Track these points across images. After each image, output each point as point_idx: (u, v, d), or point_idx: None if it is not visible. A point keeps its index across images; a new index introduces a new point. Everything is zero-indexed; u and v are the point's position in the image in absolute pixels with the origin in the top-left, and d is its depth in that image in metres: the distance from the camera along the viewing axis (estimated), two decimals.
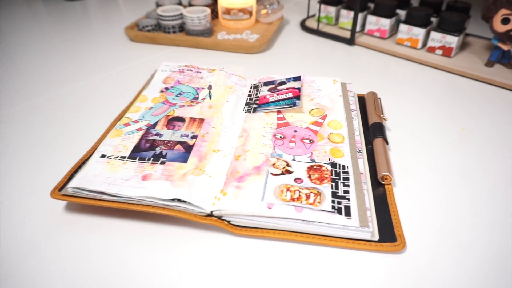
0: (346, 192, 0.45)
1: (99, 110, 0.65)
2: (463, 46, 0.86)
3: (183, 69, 0.69)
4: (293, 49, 0.89)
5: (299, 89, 0.62)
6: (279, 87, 0.64)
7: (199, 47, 0.89)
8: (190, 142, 0.52)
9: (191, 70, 0.69)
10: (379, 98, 0.65)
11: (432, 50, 0.83)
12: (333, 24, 0.98)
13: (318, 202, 0.43)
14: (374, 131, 0.56)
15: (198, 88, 0.64)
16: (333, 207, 0.42)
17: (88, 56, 0.87)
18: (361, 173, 0.48)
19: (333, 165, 0.48)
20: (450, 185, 0.50)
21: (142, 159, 0.48)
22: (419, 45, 0.84)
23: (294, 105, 0.58)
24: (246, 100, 0.63)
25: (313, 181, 0.46)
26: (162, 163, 0.48)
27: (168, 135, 0.53)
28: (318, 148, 0.51)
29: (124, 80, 0.74)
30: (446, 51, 0.81)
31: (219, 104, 0.60)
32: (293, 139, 0.53)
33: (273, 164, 0.48)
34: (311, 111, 0.59)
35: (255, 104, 0.61)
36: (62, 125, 0.62)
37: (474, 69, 0.76)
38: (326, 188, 0.45)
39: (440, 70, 0.79)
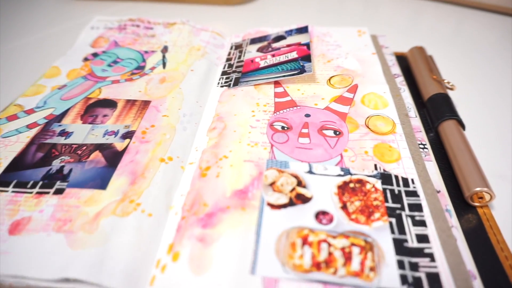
0: (422, 238, 0.22)
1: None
2: None
3: (125, 25, 0.44)
4: (285, 3, 0.64)
5: (307, 45, 0.38)
6: (275, 45, 0.40)
7: (160, 1, 0.64)
8: (119, 145, 0.28)
9: (138, 26, 0.44)
10: (429, 55, 0.42)
11: None
12: None
13: (371, 270, 0.20)
14: (438, 109, 0.33)
15: (146, 52, 0.40)
16: (403, 278, 0.20)
17: (14, 14, 0.61)
18: (438, 191, 0.26)
19: (385, 178, 0.26)
20: None
21: (21, 185, 0.25)
22: None
23: (302, 70, 0.35)
24: (224, 68, 0.39)
25: (354, 217, 0.23)
26: (59, 191, 0.25)
27: (81, 134, 0.30)
28: (351, 146, 0.28)
29: (50, 47, 0.50)
30: None
31: (178, 75, 0.37)
32: (305, 131, 0.30)
33: (272, 184, 0.25)
34: (330, 79, 0.35)
35: (237, 73, 0.37)
36: None
37: None
38: (381, 233, 0.22)
39: (496, 12, 0.56)
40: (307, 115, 0.31)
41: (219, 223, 0.23)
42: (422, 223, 0.23)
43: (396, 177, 0.26)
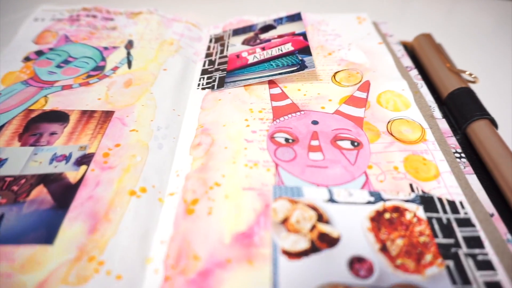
0: (493, 286, 0.16)
1: None
2: None
3: (78, 15, 0.36)
4: None
5: (303, 35, 0.32)
6: (263, 36, 0.34)
7: None
8: (73, 175, 0.21)
9: (94, 16, 0.36)
10: (438, 43, 0.37)
11: None
12: None
13: None
14: (463, 107, 0.28)
15: (106, 49, 0.32)
16: None
17: None
18: (492, 215, 0.20)
19: (427, 203, 0.20)
20: None
21: None
22: None
23: (302, 66, 0.28)
24: (204, 65, 0.32)
25: (399, 263, 0.17)
26: None
27: (19, 161, 0.22)
28: (376, 161, 0.22)
29: None
30: None
31: (148, 76, 0.29)
32: (315, 143, 0.23)
33: (285, 221, 0.19)
34: (335, 76, 0.29)
35: (221, 72, 0.31)
36: None
37: None
38: (438, 284, 0.16)
39: None
40: (315, 122, 0.25)
41: (218, 286, 0.16)
42: (488, 265, 0.17)
43: (440, 200, 0.20)
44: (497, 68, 0.37)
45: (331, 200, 0.20)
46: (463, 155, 0.24)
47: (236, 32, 0.36)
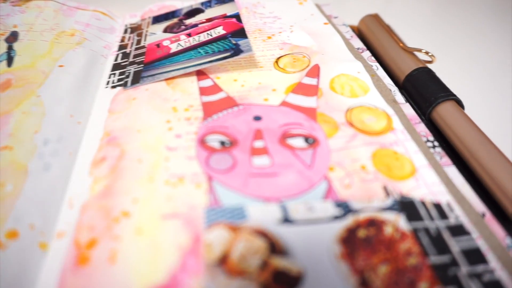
0: None
1: None
2: None
3: None
4: None
5: (237, 17, 0.26)
6: (189, 21, 0.28)
7: None
8: None
9: None
10: (387, 24, 0.33)
11: None
12: None
13: None
14: (425, 90, 0.24)
15: None
16: None
17: None
18: (483, 215, 0.16)
19: (408, 209, 0.15)
20: None
21: None
22: None
23: (237, 51, 0.23)
24: (116, 59, 0.26)
25: None
26: None
27: None
28: (338, 160, 0.17)
29: None
30: None
31: (35, 75, 0.22)
32: (259, 144, 0.18)
33: (224, 261, 0.13)
34: (277, 61, 0.24)
35: (137, 65, 0.24)
36: None
37: None
38: None
39: None
40: (257, 118, 0.20)
41: None
42: (498, 287, 0.13)
43: (423, 203, 0.16)
44: (448, 46, 0.35)
45: (286, 220, 0.14)
46: (436, 143, 0.20)
47: (157, 19, 0.29)
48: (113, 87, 0.23)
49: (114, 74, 0.24)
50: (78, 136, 0.19)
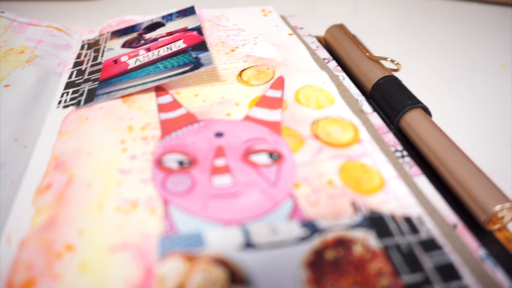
0: None
1: None
2: None
3: None
4: None
5: (198, 29, 0.26)
6: (149, 35, 0.27)
7: None
8: None
9: None
10: (353, 34, 0.33)
11: None
12: None
13: None
14: (392, 98, 0.24)
15: None
16: None
17: None
18: (455, 227, 0.15)
19: (378, 225, 0.14)
20: None
21: None
22: None
23: (197, 65, 0.22)
24: (70, 77, 0.24)
25: None
26: None
27: None
28: (304, 175, 0.16)
29: None
30: None
31: None
32: (220, 163, 0.17)
33: None
34: (241, 74, 0.23)
35: (91, 83, 0.23)
36: None
37: None
38: None
39: None
40: (219, 135, 0.18)
41: None
42: None
43: (393, 218, 0.15)
44: (414, 54, 0.35)
45: (248, 244, 0.13)
46: (405, 153, 0.19)
47: (116, 34, 0.28)
48: (65, 106, 0.21)
49: (67, 92, 0.23)
50: (23, 161, 0.18)
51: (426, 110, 0.23)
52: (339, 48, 0.31)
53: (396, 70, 0.27)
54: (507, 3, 0.47)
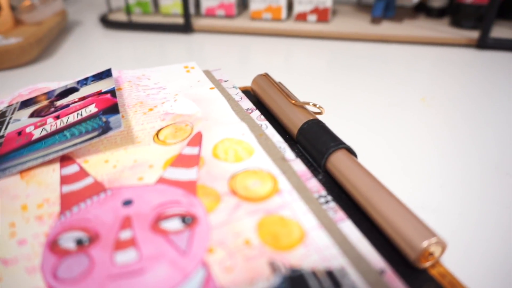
0: None
1: None
2: (334, 12, 0.64)
3: None
4: (94, 55, 0.50)
5: (112, 92, 0.25)
6: (60, 102, 0.25)
7: None
8: None
9: None
10: (278, 82, 0.34)
11: (303, 17, 0.58)
12: (151, 13, 0.64)
13: None
14: (317, 141, 0.24)
15: None
16: None
17: None
18: (382, 272, 0.14)
19: (298, 286, 0.13)
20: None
21: None
22: (283, 14, 0.58)
23: (106, 129, 0.20)
24: None
25: None
26: None
27: None
28: (219, 238, 0.15)
29: None
30: (322, 15, 0.57)
31: None
32: (125, 236, 0.15)
33: None
34: (157, 134, 0.22)
35: None
36: None
37: (364, 29, 0.54)
38: None
39: (322, 38, 0.55)
40: (127, 203, 0.17)
41: None
42: None
43: (315, 274, 0.14)
44: (339, 97, 0.36)
45: None
46: (329, 197, 0.19)
47: (25, 103, 0.26)
48: None
49: None
50: None
51: (349, 150, 0.23)
52: (265, 96, 0.31)
53: (319, 113, 0.28)
54: (423, 42, 0.51)
